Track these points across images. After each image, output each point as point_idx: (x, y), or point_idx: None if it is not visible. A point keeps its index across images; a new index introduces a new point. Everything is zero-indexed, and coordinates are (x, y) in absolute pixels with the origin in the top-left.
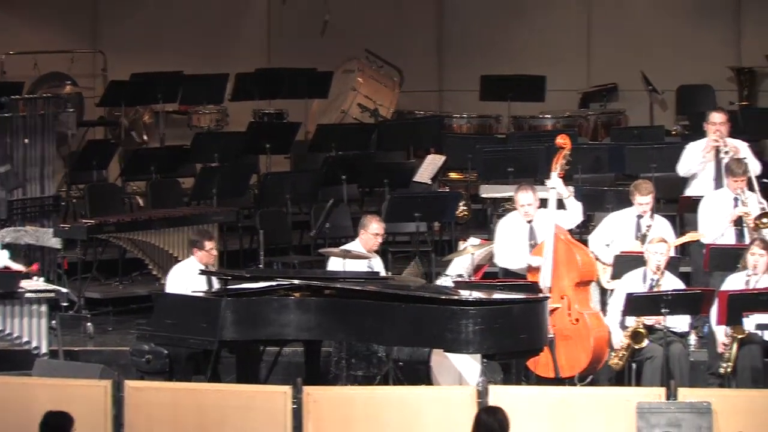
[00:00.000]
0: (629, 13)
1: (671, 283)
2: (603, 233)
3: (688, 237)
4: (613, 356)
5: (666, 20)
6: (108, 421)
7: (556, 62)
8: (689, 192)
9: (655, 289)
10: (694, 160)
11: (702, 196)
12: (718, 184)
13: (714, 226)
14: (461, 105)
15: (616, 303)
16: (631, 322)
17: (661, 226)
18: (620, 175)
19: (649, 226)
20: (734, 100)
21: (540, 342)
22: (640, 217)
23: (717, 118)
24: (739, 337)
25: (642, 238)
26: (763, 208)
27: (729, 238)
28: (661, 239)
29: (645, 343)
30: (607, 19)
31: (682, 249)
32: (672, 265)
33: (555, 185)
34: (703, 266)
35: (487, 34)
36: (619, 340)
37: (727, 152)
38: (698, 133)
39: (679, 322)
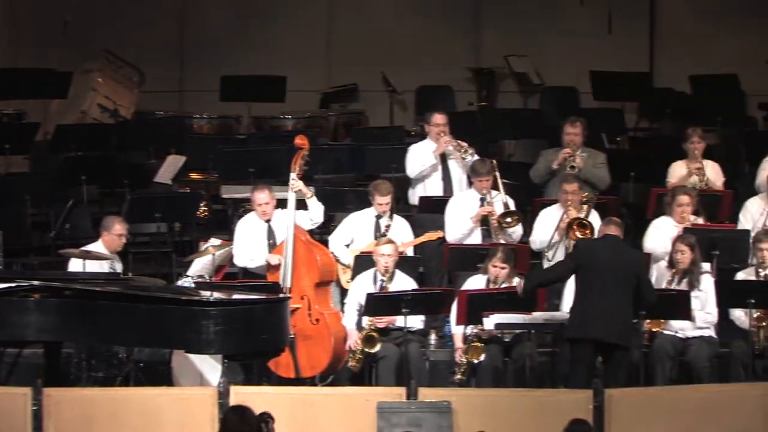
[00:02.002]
0: (370, 14)
1: (402, 283)
2: (343, 234)
3: (426, 237)
4: (350, 358)
5: (407, 21)
6: None
7: (297, 62)
8: (417, 194)
9: (384, 290)
10: (424, 162)
11: (437, 197)
12: (447, 184)
13: (458, 227)
14: (202, 105)
15: (351, 304)
16: (367, 322)
17: (400, 226)
18: (361, 175)
19: (388, 226)
20: (473, 100)
21: (281, 342)
22: (379, 217)
23: (439, 119)
24: (474, 360)
25: (381, 238)
26: (506, 206)
27: (476, 238)
28: (388, 240)
29: (378, 347)
30: (348, 19)
31: (418, 249)
32: (410, 265)
33: (295, 185)
34: (441, 266)
35: (228, 34)
36: (354, 342)
37: (466, 151)
38: None
39: (413, 320)
